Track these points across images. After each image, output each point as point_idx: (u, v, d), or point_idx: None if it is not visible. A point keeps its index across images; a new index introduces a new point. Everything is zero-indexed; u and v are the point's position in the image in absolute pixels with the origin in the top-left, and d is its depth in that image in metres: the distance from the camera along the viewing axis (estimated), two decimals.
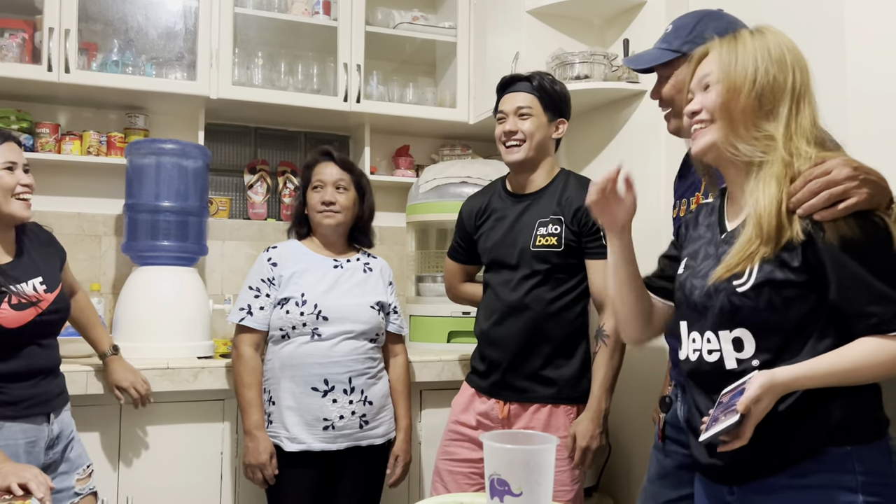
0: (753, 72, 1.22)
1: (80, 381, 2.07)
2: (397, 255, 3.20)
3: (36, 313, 1.73)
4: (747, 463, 1.22)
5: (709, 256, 1.32)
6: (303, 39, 2.98)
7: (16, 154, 1.78)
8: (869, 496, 1.15)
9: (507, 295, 2.01)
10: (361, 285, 2.16)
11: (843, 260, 1.14)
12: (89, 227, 2.79)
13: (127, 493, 2.15)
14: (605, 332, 1.94)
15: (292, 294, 2.07)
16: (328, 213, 2.13)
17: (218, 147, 3.01)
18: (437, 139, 3.32)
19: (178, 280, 2.48)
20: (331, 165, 2.17)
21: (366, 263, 2.22)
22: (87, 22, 2.67)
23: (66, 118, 2.82)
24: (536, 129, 2.00)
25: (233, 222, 2.99)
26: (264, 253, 2.17)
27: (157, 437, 2.20)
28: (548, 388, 1.96)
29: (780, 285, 1.18)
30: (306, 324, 2.04)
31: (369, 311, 2.11)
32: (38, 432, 1.74)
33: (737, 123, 1.23)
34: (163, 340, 2.36)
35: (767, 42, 1.24)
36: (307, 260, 2.15)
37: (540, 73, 2.06)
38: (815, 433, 1.18)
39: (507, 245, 2.03)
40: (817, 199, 1.13)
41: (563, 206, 1.98)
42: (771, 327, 1.19)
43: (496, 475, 0.96)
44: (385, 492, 2.21)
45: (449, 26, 3.07)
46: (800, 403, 1.18)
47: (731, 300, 1.21)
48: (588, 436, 1.89)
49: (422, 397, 2.47)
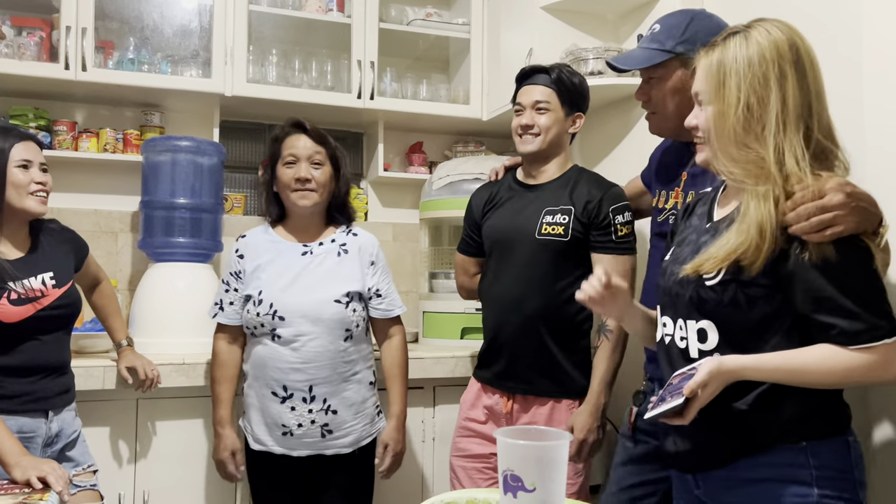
0: (736, 96, 1.21)
1: (97, 375, 2.09)
2: (410, 251, 3.20)
3: (35, 309, 1.75)
4: (707, 450, 1.27)
5: (690, 244, 1.34)
6: (317, 36, 2.99)
7: (32, 153, 1.80)
8: (824, 489, 1.18)
9: (507, 285, 2.00)
10: (330, 276, 1.97)
11: (812, 276, 1.16)
12: (106, 224, 2.82)
13: (144, 487, 2.17)
14: (608, 327, 1.93)
15: (252, 292, 1.95)
16: (303, 191, 1.94)
17: (233, 144, 3.03)
18: (451, 136, 3.33)
19: (193, 276, 2.50)
20: (303, 138, 1.97)
21: (342, 245, 2.02)
22: (103, 20, 2.69)
23: (82, 116, 2.84)
24: (553, 123, 1.99)
25: (248, 219, 3.01)
26: (235, 243, 2.07)
27: (173, 431, 2.22)
28: (550, 382, 1.96)
29: (745, 284, 1.20)
30: (264, 324, 1.92)
31: (332, 307, 1.92)
32: (35, 428, 1.75)
33: (728, 146, 1.23)
34: (178, 336, 2.38)
35: (751, 52, 1.22)
36: (273, 249, 2.00)
37: (560, 65, 2.04)
38: (770, 428, 1.21)
39: (511, 231, 2.01)
40: (807, 224, 1.15)
41: (574, 197, 1.96)
42: (734, 323, 1.22)
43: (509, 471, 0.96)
44: (394, 487, 2.20)
45: (462, 23, 3.07)
46: (758, 398, 1.22)
47: (699, 292, 1.24)
48: (585, 429, 1.89)
49: (435, 393, 2.48)
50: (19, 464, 1.55)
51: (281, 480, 1.99)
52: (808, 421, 1.21)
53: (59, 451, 1.82)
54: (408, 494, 2.38)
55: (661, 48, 1.68)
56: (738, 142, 1.22)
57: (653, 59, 1.69)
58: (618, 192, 1.98)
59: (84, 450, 1.90)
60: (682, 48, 1.66)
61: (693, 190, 1.72)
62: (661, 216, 1.80)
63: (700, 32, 1.65)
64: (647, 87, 1.74)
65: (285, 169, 1.97)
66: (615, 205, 1.94)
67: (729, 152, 1.23)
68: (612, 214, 1.93)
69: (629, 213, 1.96)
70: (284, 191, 1.98)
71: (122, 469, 2.16)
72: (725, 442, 1.25)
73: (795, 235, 1.16)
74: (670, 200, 1.79)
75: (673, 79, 1.69)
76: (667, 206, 1.79)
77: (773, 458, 1.21)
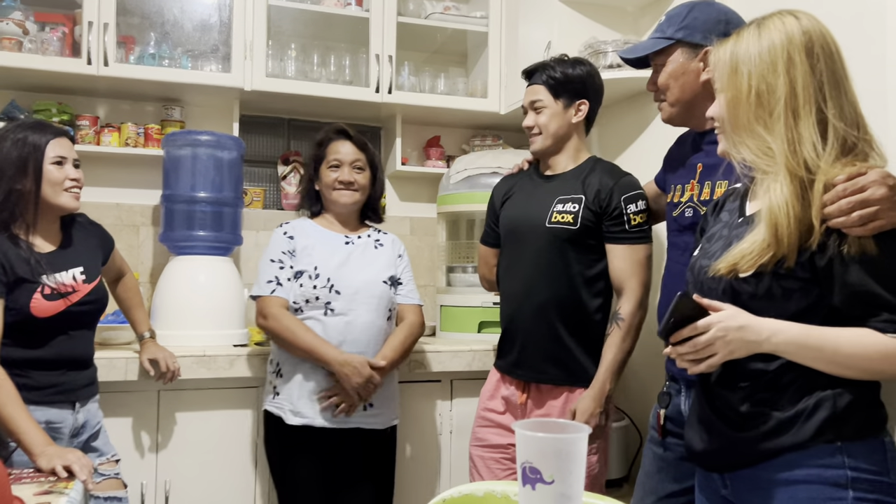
0: (747, 83, 1.22)
1: (119, 367, 2.12)
2: (428, 245, 3.21)
3: (66, 305, 1.77)
4: (737, 449, 1.23)
5: (721, 238, 1.32)
6: (335, 31, 3.00)
7: (66, 149, 1.83)
8: (860, 492, 1.14)
9: (520, 271, 2.01)
10: (373, 261, 2.16)
11: (853, 271, 1.14)
12: (127, 218, 2.85)
13: (165, 477, 2.20)
14: (621, 315, 1.92)
15: (306, 267, 2.08)
16: (346, 191, 2.14)
17: (252, 138, 3.05)
18: (468, 129, 3.32)
19: (213, 269, 2.53)
20: (347, 144, 2.17)
21: (376, 240, 2.22)
22: (124, 16, 2.71)
23: (104, 111, 2.88)
24: (550, 119, 2.00)
25: (267, 213, 3.03)
26: (279, 228, 2.18)
27: (194, 422, 2.25)
28: (561, 370, 1.96)
29: (781, 277, 1.18)
30: (319, 297, 2.05)
31: (381, 286, 2.12)
32: (63, 419, 1.78)
33: (741, 133, 1.23)
34: (199, 328, 2.40)
35: (762, 41, 1.22)
36: (319, 236, 2.16)
37: (547, 61, 2.06)
38: (804, 426, 1.18)
39: (523, 220, 2.03)
40: (848, 219, 1.13)
41: (585, 186, 1.96)
42: (768, 315, 1.19)
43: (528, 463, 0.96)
44: (411, 478, 2.22)
45: (480, 16, 3.06)
46: (793, 394, 1.19)
47: (733, 284, 1.22)
48: (587, 413, 1.88)
49: (452, 387, 2.49)
50: (44, 453, 1.58)
51: (314, 456, 2.04)
52: (844, 419, 1.17)
53: (84, 442, 1.85)
54: (425, 487, 2.39)
55: (662, 35, 1.74)
56: (750, 129, 1.22)
57: (654, 46, 1.74)
58: (630, 181, 1.97)
59: (107, 440, 1.93)
60: (682, 34, 1.71)
61: (709, 180, 1.71)
62: (676, 210, 1.80)
63: (699, 19, 1.71)
64: (654, 76, 1.78)
65: (330, 171, 2.15)
66: (627, 194, 1.93)
67: (742, 140, 1.23)
68: (623, 204, 1.93)
69: (643, 201, 1.95)
70: (328, 190, 2.16)
71: (144, 459, 2.19)
72: (756, 441, 1.21)
73: (834, 228, 1.14)
74: (686, 193, 1.78)
75: (673, 63, 1.73)
76: (682, 200, 1.79)
77: (806, 458, 1.17)
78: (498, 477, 2.00)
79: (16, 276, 1.70)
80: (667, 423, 1.67)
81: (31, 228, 1.78)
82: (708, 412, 1.30)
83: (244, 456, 2.29)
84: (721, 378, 1.28)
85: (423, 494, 2.39)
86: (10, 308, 1.70)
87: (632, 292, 1.92)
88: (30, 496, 1.38)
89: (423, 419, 2.46)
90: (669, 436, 1.67)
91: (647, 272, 1.95)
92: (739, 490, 1.26)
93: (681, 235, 1.78)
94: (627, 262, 1.93)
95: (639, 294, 1.92)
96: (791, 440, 1.18)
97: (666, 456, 1.67)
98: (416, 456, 2.43)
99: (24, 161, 1.75)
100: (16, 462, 1.65)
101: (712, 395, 1.30)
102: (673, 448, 1.65)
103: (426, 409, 2.47)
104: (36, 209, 1.77)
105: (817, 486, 1.16)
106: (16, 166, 1.74)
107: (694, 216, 1.73)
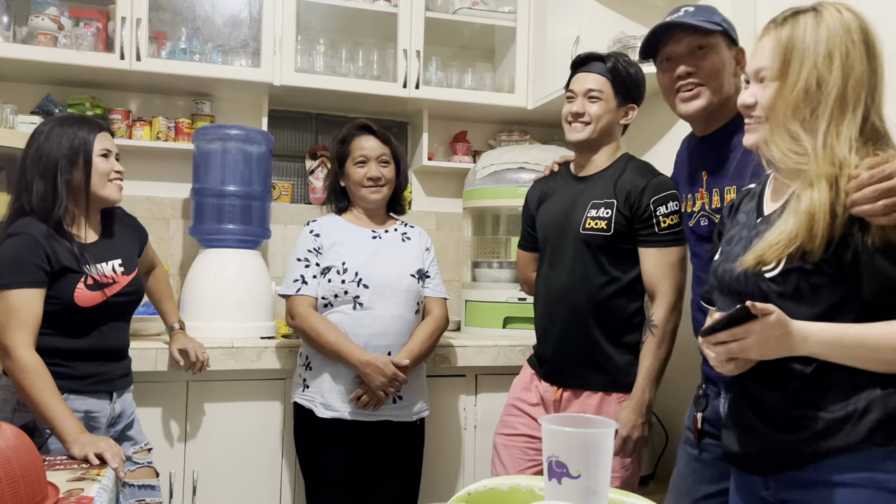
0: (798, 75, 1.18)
1: (150, 357, 2.16)
2: (454, 240, 3.22)
3: (106, 296, 1.80)
4: (782, 452, 1.21)
5: (741, 240, 1.30)
6: (363, 26, 3.01)
7: (109, 143, 1.88)
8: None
9: (556, 278, 1.99)
10: (401, 255, 2.17)
11: (880, 262, 1.11)
12: (158, 211, 2.90)
13: (193, 467, 2.23)
14: (654, 322, 1.89)
15: (333, 263, 2.09)
16: (375, 188, 2.14)
17: (280, 133, 3.08)
18: (495, 125, 3.32)
19: (242, 262, 2.55)
20: (372, 139, 2.16)
21: (404, 233, 2.23)
22: (157, 11, 2.75)
23: (136, 105, 2.92)
24: (604, 112, 1.95)
25: (294, 207, 3.06)
26: (305, 227, 2.20)
27: (221, 413, 2.28)
28: (599, 376, 1.94)
29: (808, 273, 1.16)
30: (347, 291, 2.06)
31: (409, 279, 2.13)
32: (101, 408, 1.82)
33: (784, 126, 1.20)
34: (228, 320, 2.43)
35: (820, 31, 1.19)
36: (347, 232, 2.17)
37: (617, 54, 2.01)
38: (855, 428, 1.15)
39: (558, 225, 2.01)
40: (874, 207, 1.11)
41: (617, 188, 1.93)
42: (799, 315, 1.15)
43: (554, 457, 0.96)
44: (435, 473, 2.23)
45: (508, 11, 3.05)
46: (838, 394, 1.16)
47: (760, 286, 1.20)
48: (629, 425, 1.85)
49: (477, 382, 2.49)
50: (78, 440, 1.61)
51: (344, 448, 2.07)
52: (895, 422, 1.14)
53: (120, 431, 1.88)
54: (449, 481, 2.40)
55: (710, 20, 1.69)
56: (786, 126, 1.19)
57: (708, 25, 1.68)
58: (661, 182, 1.91)
59: (140, 429, 1.96)
60: (727, 26, 1.70)
61: (717, 188, 1.69)
62: (692, 220, 1.78)
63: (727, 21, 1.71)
64: (693, 59, 1.70)
65: (356, 168, 2.15)
66: (657, 195, 1.88)
67: (781, 133, 1.20)
68: (653, 206, 1.88)
69: (674, 202, 1.89)
70: (356, 186, 2.16)
71: (173, 448, 2.23)
72: (804, 442, 1.18)
73: (856, 218, 1.12)
74: (697, 203, 1.77)
75: (720, 53, 1.70)
76: (695, 210, 1.77)
77: (856, 461, 1.14)
78: (518, 466, 1.99)
79: (61, 266, 1.74)
80: (704, 425, 1.63)
81: (76, 220, 1.82)
82: (749, 414, 1.27)
83: (271, 447, 2.32)
84: (761, 379, 1.25)
85: (446, 489, 2.40)
86: (55, 297, 1.73)
87: (664, 296, 1.88)
88: (63, 482, 1.41)
89: (447, 414, 2.46)
90: (706, 437, 1.63)
91: (680, 275, 1.90)
92: (783, 492, 1.22)
93: (700, 245, 1.76)
94: (658, 265, 1.89)
95: (671, 298, 1.88)
96: (841, 442, 1.15)
97: (702, 457, 1.63)
98: (439, 451, 2.44)
99: (76, 153, 1.79)
100: (51, 449, 1.69)
101: (752, 396, 1.28)
102: (709, 449, 1.61)
103: (450, 404, 2.48)
104: (86, 201, 1.82)
105: (867, 489, 1.13)
106: (67, 158, 1.78)
107: (709, 225, 1.71)
